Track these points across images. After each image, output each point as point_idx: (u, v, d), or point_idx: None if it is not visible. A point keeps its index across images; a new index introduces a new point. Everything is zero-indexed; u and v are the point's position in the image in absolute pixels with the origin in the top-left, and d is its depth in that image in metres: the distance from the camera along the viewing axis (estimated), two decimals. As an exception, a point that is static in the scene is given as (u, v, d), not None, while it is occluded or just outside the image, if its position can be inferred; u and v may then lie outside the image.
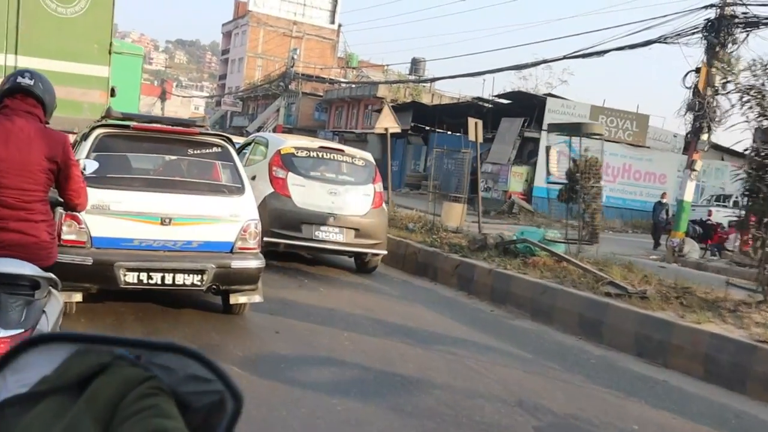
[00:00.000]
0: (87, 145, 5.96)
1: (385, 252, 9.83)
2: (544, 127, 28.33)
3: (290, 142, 9.96)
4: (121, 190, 5.83)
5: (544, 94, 29.21)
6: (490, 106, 32.62)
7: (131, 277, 5.65)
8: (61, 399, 0.98)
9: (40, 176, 3.43)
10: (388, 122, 14.01)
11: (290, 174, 9.23)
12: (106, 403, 0.95)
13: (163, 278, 5.72)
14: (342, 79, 58.05)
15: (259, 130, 62.08)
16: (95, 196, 5.26)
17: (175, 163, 6.80)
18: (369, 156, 10.77)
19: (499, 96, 31.83)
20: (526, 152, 29.55)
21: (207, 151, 6.41)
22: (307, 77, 54.28)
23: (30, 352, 1.03)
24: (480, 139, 12.20)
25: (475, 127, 12.24)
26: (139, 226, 5.76)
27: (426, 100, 43.52)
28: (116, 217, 5.69)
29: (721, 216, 25.71)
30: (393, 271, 10.27)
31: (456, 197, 12.70)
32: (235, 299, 6.23)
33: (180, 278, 5.76)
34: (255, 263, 6.11)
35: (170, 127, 6.44)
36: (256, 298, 6.28)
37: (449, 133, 37.26)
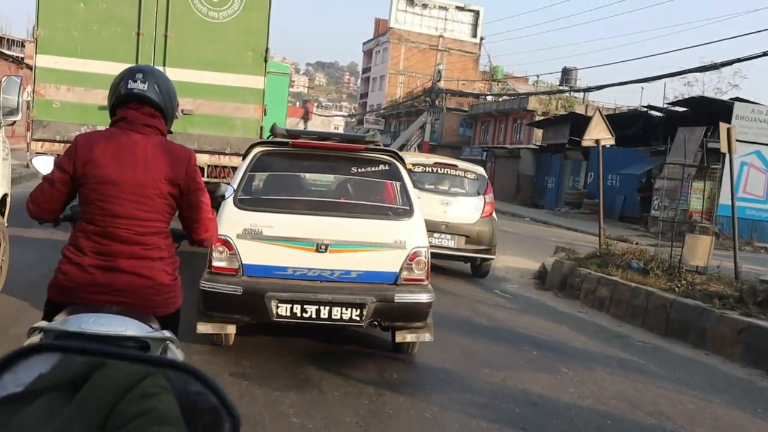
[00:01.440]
0: (244, 165, 5.64)
1: (494, 257, 10.53)
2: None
3: (409, 159, 9.52)
4: (275, 213, 5.41)
5: (731, 99, 25.69)
6: (661, 115, 29.39)
7: (284, 310, 5.15)
8: (57, 397, 0.98)
9: (158, 202, 2.86)
10: (599, 132, 11.76)
11: None
12: (101, 403, 0.95)
13: (318, 311, 5.16)
14: (489, 93, 55.77)
15: (402, 148, 61.09)
16: (248, 219, 5.17)
17: (336, 182, 6.40)
18: (480, 170, 11.34)
19: (673, 103, 28.56)
20: (707, 166, 26.11)
21: (373, 169, 5.83)
22: (453, 92, 52.55)
23: (30, 358, 1.05)
24: (734, 151, 9.69)
25: (727, 134, 9.75)
26: (293, 252, 5.26)
27: (580, 111, 40.49)
28: (269, 242, 5.23)
29: None
30: (635, 330, 7.84)
31: (703, 227, 10.13)
32: (402, 337, 5.54)
33: (337, 312, 5.17)
34: (423, 297, 5.35)
35: (331, 142, 5.85)
36: (426, 337, 5.54)
37: (612, 146, 34.18)
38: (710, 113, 25.97)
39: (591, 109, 43.26)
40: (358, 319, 5.21)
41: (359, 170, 5.94)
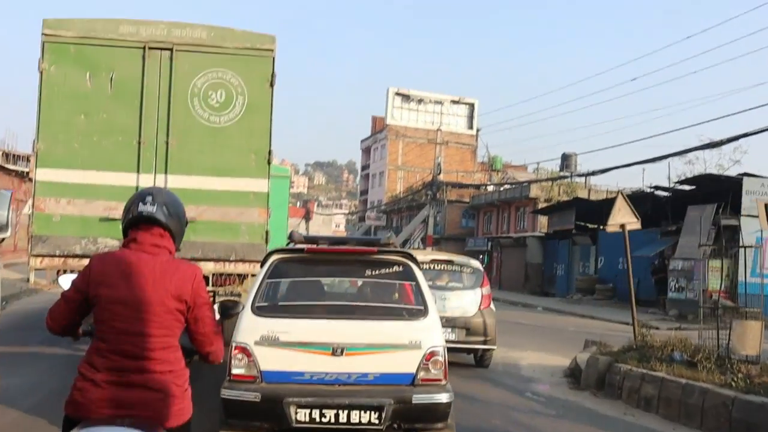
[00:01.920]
0: (262, 273, 5.83)
1: (495, 347, 10.76)
2: (743, 211, 24.54)
3: None
4: (292, 318, 5.58)
5: (739, 175, 25.39)
6: (668, 194, 29.07)
7: (302, 415, 5.16)
8: None
9: (166, 318, 3.03)
10: (624, 216, 11.28)
11: None
12: None
13: (336, 416, 5.16)
14: (490, 183, 55.88)
15: (405, 243, 60.70)
16: (265, 326, 5.29)
17: (351, 285, 6.53)
18: (477, 263, 11.59)
19: (680, 182, 28.29)
20: (721, 244, 25.57)
21: (387, 270, 5.97)
22: (454, 184, 52.65)
23: None
24: None
25: (766, 210, 9.26)
26: (309, 357, 5.32)
27: (582, 196, 40.30)
28: (286, 348, 5.32)
29: None
30: None
31: (752, 313, 9.43)
32: None
33: (355, 416, 5.17)
34: (442, 397, 5.33)
35: (345, 247, 6.22)
36: None
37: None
38: (718, 190, 25.68)
39: (594, 193, 43.21)
40: (377, 422, 5.16)
41: (374, 272, 6.02)
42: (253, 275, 9.15)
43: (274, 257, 5.93)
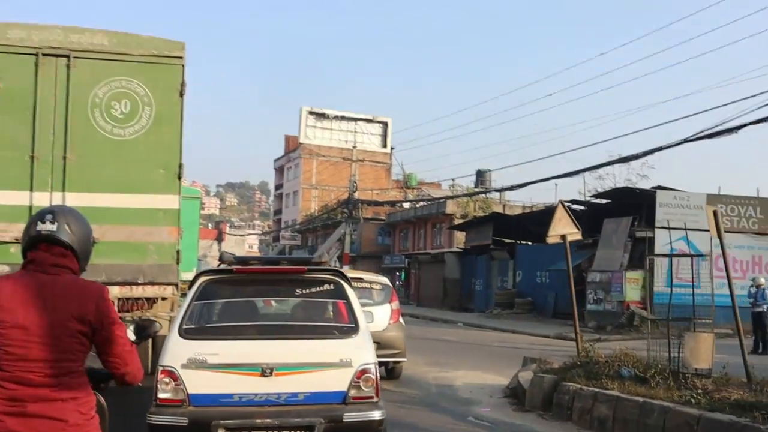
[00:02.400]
0: (190, 295, 5.72)
1: (405, 360, 11.03)
2: (657, 223, 24.91)
3: None
4: (219, 340, 5.51)
5: (653, 188, 25.82)
6: (584, 208, 29.34)
7: None
8: None
9: (67, 343, 2.84)
10: (564, 227, 10.86)
11: None
12: None
13: None
14: (407, 199, 55.67)
15: (322, 261, 59.88)
16: (192, 349, 5.18)
17: (280, 305, 6.46)
18: (385, 280, 11.81)
19: (596, 196, 28.62)
20: (637, 255, 25.92)
21: (317, 289, 5.94)
22: (371, 202, 52.16)
23: None
24: (722, 235, 8.89)
25: (714, 217, 8.95)
26: (238, 378, 5.23)
27: (498, 211, 40.55)
28: (214, 370, 5.23)
29: None
30: None
31: (703, 323, 9.03)
32: None
33: None
34: (374, 414, 5.28)
35: (275, 267, 6.15)
36: None
37: (531, 243, 33.86)
38: (632, 203, 26.06)
39: (509, 208, 43.56)
40: None
41: (304, 291, 6.01)
42: (163, 298, 8.64)
43: (203, 278, 5.86)
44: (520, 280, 33.04)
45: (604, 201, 28.33)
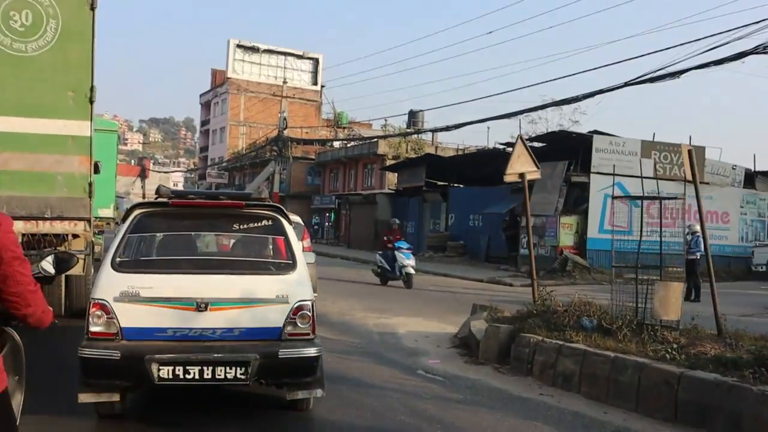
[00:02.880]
0: (124, 227, 5.65)
1: (316, 295, 9.86)
2: (593, 168, 24.70)
3: None
4: (154, 273, 5.35)
5: (589, 132, 25.52)
6: (518, 151, 28.98)
7: (166, 372, 4.99)
8: None
9: None
10: (524, 165, 10.15)
11: None
12: None
13: (201, 372, 5.02)
14: (337, 138, 54.53)
15: (249, 200, 58.42)
16: (126, 282, 5.12)
17: (217, 240, 6.46)
18: (297, 218, 11.13)
19: (532, 139, 28.17)
20: (572, 200, 25.77)
21: (255, 225, 5.91)
22: (301, 140, 50.86)
23: None
24: (701, 177, 8.26)
25: (690, 158, 8.31)
26: (173, 313, 5.12)
27: (431, 152, 39.93)
28: (148, 304, 5.11)
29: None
30: (631, 418, 5.84)
31: (673, 270, 8.39)
32: (293, 394, 5.46)
33: (221, 371, 5.05)
34: (310, 351, 5.28)
35: (212, 201, 5.91)
36: (318, 393, 5.50)
37: (464, 186, 33.48)
38: (568, 147, 25.73)
39: (441, 150, 42.99)
40: (243, 377, 5.11)
41: (242, 227, 5.97)
42: (75, 236, 7.95)
43: (137, 211, 5.74)
44: (453, 223, 32.67)
45: (539, 144, 27.90)
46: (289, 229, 5.81)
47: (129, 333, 5.08)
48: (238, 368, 5.08)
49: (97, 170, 10.13)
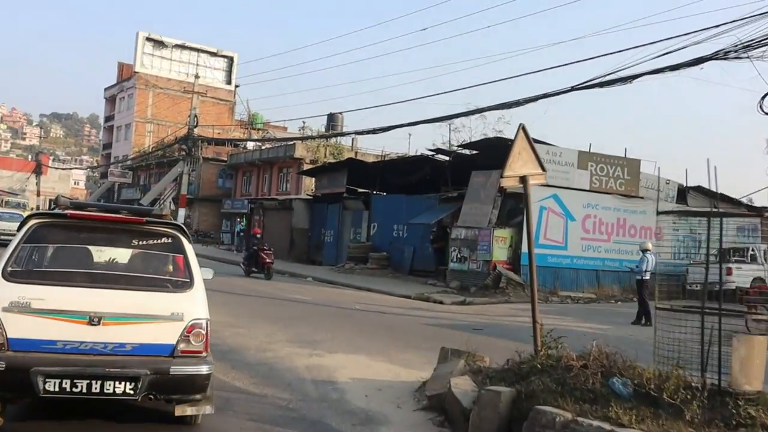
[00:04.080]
0: (18, 236, 5.60)
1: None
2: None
3: None
4: (47, 285, 5.25)
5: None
6: (448, 159, 27.19)
7: (52, 385, 4.92)
8: None
9: None
10: (526, 165, 8.12)
11: None
12: None
13: (89, 386, 4.98)
14: (252, 138, 51.73)
15: (154, 202, 54.83)
16: (16, 292, 5.06)
17: (114, 255, 6.21)
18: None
19: (463, 146, 26.49)
20: (505, 212, 24.13)
21: (154, 241, 5.88)
22: (213, 140, 47.82)
23: None
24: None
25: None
26: (64, 325, 5.06)
27: (351, 158, 37.78)
28: (38, 315, 5.03)
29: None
30: None
31: (757, 314, 6.25)
32: (182, 410, 5.40)
33: (109, 386, 5.01)
34: (202, 368, 5.26)
35: (111, 215, 5.85)
36: (207, 409, 5.44)
37: (388, 194, 31.46)
38: (502, 155, 24.19)
39: (361, 156, 40.90)
40: (132, 392, 5.06)
41: (140, 243, 5.93)
42: None
43: (34, 221, 5.73)
44: (375, 232, 30.62)
45: (470, 152, 26.25)
46: (189, 248, 5.86)
47: (16, 344, 4.98)
48: (128, 383, 5.04)
49: None
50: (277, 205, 37.59)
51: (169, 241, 5.85)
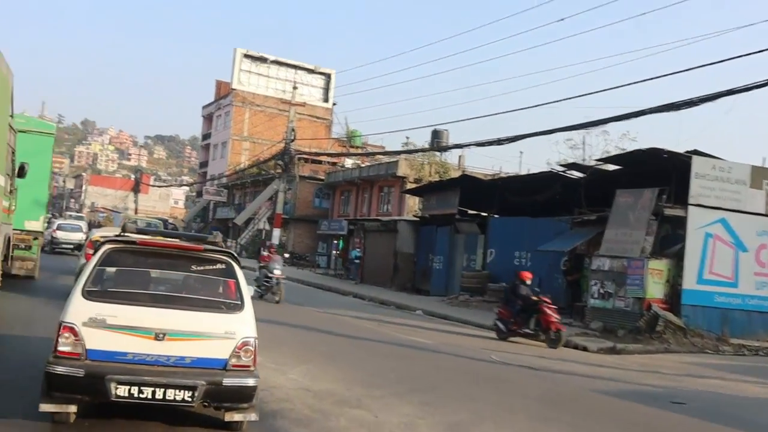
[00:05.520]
0: (94, 259, 6.31)
1: None
2: (691, 199, 18.87)
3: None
4: (119, 304, 5.94)
5: (687, 152, 19.68)
6: (582, 176, 23.15)
7: (122, 391, 5.65)
8: None
9: None
10: None
11: None
12: None
13: (153, 393, 5.69)
14: (351, 153, 48.96)
15: (249, 222, 52.73)
16: (94, 309, 5.77)
17: (176, 278, 6.91)
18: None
19: (604, 160, 22.48)
20: (658, 239, 19.88)
21: (210, 267, 6.56)
22: (312, 154, 45.21)
23: None
24: None
25: None
26: (133, 340, 5.78)
27: (456, 177, 34.06)
28: (112, 330, 5.75)
29: None
30: None
31: None
32: (230, 416, 6.15)
33: (171, 394, 5.72)
34: (249, 381, 5.98)
35: (174, 242, 6.68)
36: (252, 417, 6.18)
37: (506, 216, 27.57)
38: (654, 171, 20.02)
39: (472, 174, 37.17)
40: (189, 400, 5.73)
41: (198, 268, 6.60)
42: None
43: (107, 246, 6.40)
44: (492, 260, 26.84)
45: (613, 167, 22.21)
46: (240, 273, 6.49)
47: (93, 354, 5.68)
48: (187, 392, 5.71)
49: (22, 173, 11.24)
50: (380, 227, 34.30)
51: (223, 266, 6.52)
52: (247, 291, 6.43)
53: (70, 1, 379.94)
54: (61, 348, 5.61)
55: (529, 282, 17.36)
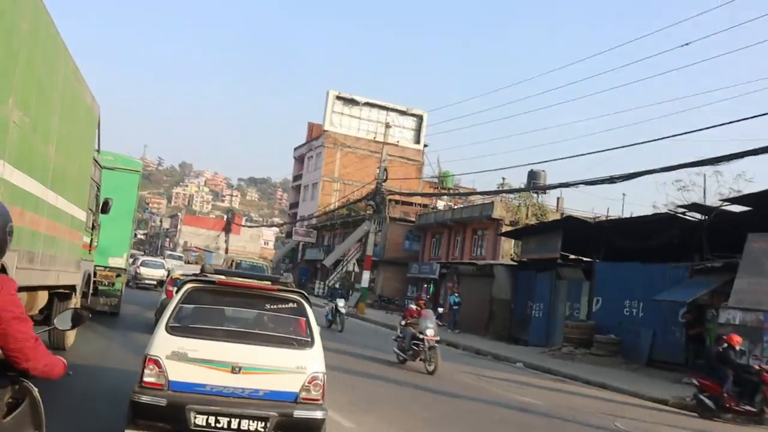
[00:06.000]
0: (177, 297, 6.74)
1: None
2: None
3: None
4: (200, 339, 6.28)
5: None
6: (703, 218, 20.91)
7: (201, 420, 5.93)
8: None
9: None
10: None
11: None
12: None
13: (229, 423, 5.96)
14: (443, 193, 47.51)
15: (338, 264, 51.77)
16: (176, 343, 6.14)
17: (251, 315, 7.19)
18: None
19: (730, 200, 20.22)
20: (797, 290, 17.42)
21: (283, 306, 6.91)
22: (402, 193, 43.97)
23: None
24: None
25: None
26: (212, 372, 6.09)
27: (555, 219, 31.97)
28: (192, 363, 6.08)
29: None
30: None
31: None
32: None
33: (245, 424, 5.98)
34: (318, 413, 6.23)
35: (250, 282, 7.13)
36: None
37: (615, 262, 25.31)
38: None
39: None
40: (262, 430, 6.02)
41: (271, 306, 6.99)
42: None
43: (189, 285, 6.85)
44: (599, 309, 24.66)
45: (741, 209, 19.92)
46: (310, 312, 6.79)
47: (175, 385, 6.05)
48: (260, 422, 6.02)
49: (105, 209, 12.40)
50: (475, 271, 32.52)
51: (294, 305, 6.89)
52: (317, 328, 6.75)
53: (169, 47, 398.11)
54: (146, 379, 6.00)
55: (738, 347, 14.35)
